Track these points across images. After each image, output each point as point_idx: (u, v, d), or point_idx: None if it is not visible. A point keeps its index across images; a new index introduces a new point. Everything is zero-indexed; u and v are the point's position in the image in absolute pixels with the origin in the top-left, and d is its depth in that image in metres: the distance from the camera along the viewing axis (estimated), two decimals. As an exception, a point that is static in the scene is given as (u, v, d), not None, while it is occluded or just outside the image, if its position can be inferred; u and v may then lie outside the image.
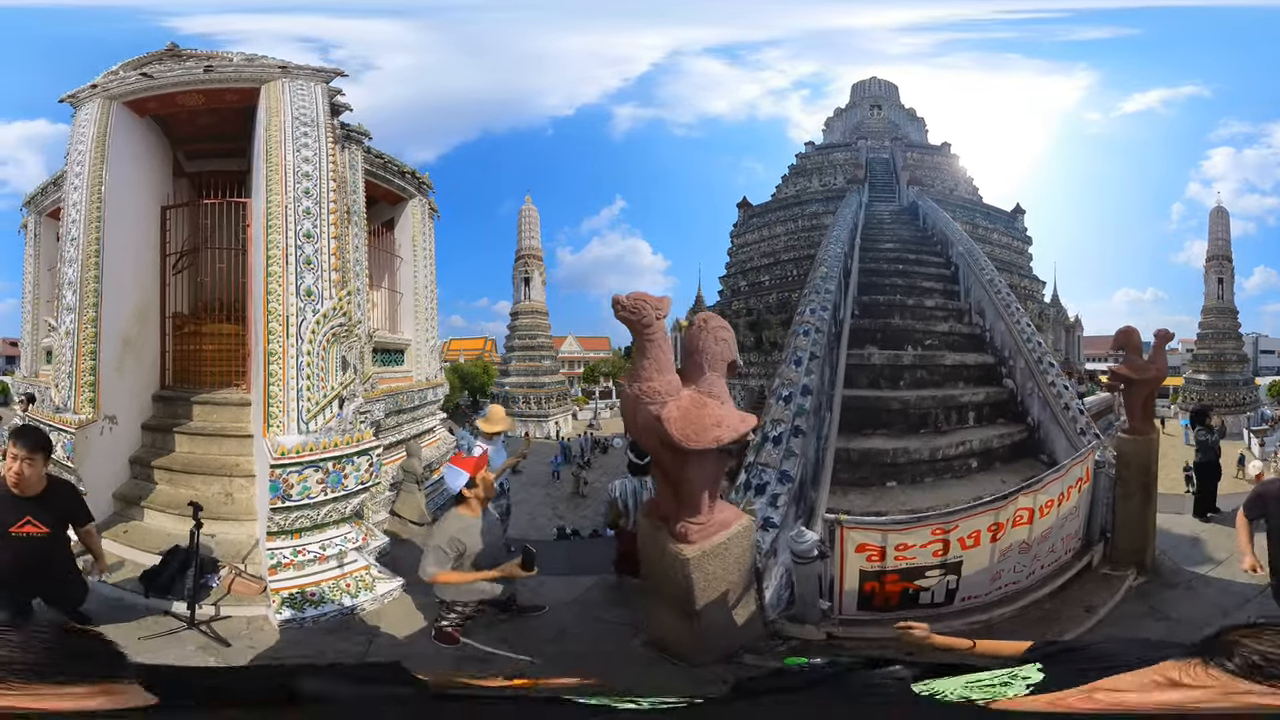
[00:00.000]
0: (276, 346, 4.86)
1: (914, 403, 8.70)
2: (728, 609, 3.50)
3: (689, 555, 3.26)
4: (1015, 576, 4.57)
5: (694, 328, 3.24)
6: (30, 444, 3.12)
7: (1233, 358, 24.66)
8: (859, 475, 7.51)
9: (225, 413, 6.24)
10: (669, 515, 3.38)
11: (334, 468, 4.79)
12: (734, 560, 3.47)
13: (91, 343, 5.54)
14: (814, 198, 20.03)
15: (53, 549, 3.27)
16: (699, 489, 3.24)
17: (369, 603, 4.59)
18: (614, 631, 4.31)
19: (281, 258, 4.92)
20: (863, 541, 3.90)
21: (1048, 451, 8.12)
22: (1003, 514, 4.28)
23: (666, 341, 3.07)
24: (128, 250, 6.27)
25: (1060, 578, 4.87)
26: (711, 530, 3.34)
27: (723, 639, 3.52)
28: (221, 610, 4.32)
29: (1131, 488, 5.31)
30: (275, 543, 4.61)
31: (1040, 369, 8.74)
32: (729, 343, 3.24)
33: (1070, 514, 4.88)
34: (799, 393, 6.15)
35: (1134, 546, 5.23)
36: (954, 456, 8.15)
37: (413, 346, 9.00)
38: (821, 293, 8.70)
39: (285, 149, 5.24)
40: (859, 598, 4.00)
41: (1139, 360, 5.65)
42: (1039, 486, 4.55)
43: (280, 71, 5.71)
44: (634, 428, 3.19)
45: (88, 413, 5.46)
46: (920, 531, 4.01)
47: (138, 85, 6.12)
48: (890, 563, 3.95)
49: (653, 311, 2.95)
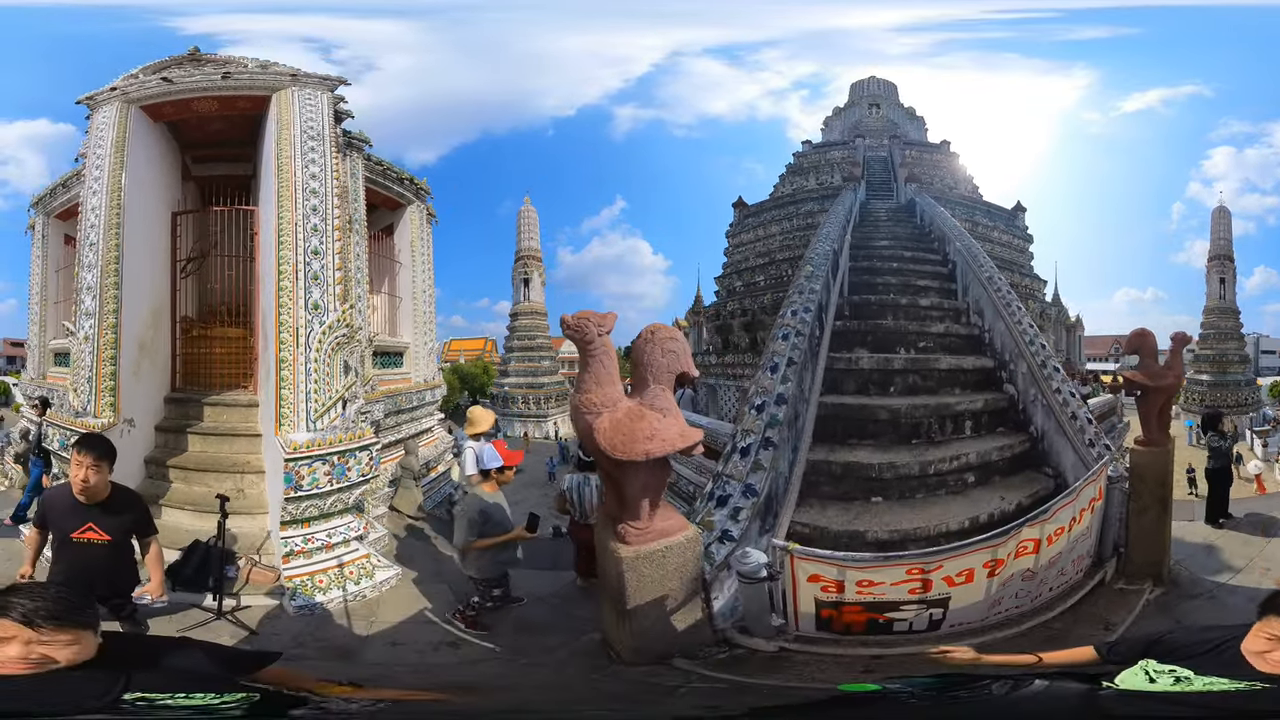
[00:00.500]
0: (287, 354, 5.28)
1: (904, 411, 8.00)
2: (664, 613, 3.48)
3: (623, 555, 3.33)
4: (1018, 602, 4.18)
5: (640, 339, 3.29)
6: (98, 452, 3.20)
7: (1234, 358, 24.52)
8: (841, 489, 6.95)
9: (235, 413, 6.54)
10: (614, 515, 3.48)
11: (339, 461, 5.28)
12: (672, 568, 3.45)
13: (112, 348, 5.77)
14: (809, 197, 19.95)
15: (113, 557, 3.33)
16: (637, 496, 3.31)
17: (369, 589, 5.03)
18: (578, 626, 4.43)
19: (292, 273, 5.29)
20: (815, 573, 3.60)
21: (1053, 464, 7.50)
22: (1002, 550, 3.78)
23: (609, 356, 3.22)
24: (143, 255, 6.47)
25: (1070, 598, 4.55)
26: (650, 537, 3.38)
27: (656, 642, 3.51)
28: (242, 600, 4.65)
29: (1147, 501, 4.98)
30: (288, 531, 5.03)
31: (1044, 374, 8.04)
32: (678, 354, 3.27)
33: (1082, 536, 4.54)
34: (773, 401, 5.92)
35: (1149, 560, 4.94)
36: (948, 472, 7.41)
37: (411, 349, 9.25)
38: (805, 293, 8.22)
39: (295, 163, 5.53)
40: (816, 620, 3.72)
41: (1156, 366, 5.26)
42: (1047, 516, 4.06)
43: (291, 80, 5.94)
44: (579, 434, 3.39)
45: (109, 416, 5.67)
46: (892, 570, 3.60)
47: (157, 89, 6.27)
48: (850, 595, 3.61)
49: (594, 328, 3.13)
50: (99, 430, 5.54)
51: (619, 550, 3.35)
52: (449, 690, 3.02)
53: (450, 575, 5.60)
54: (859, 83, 26.24)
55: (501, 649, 4.19)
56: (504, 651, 4.16)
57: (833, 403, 7.94)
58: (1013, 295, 9.89)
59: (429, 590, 5.22)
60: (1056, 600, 4.41)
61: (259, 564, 4.94)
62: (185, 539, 4.94)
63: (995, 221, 19.38)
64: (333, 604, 4.77)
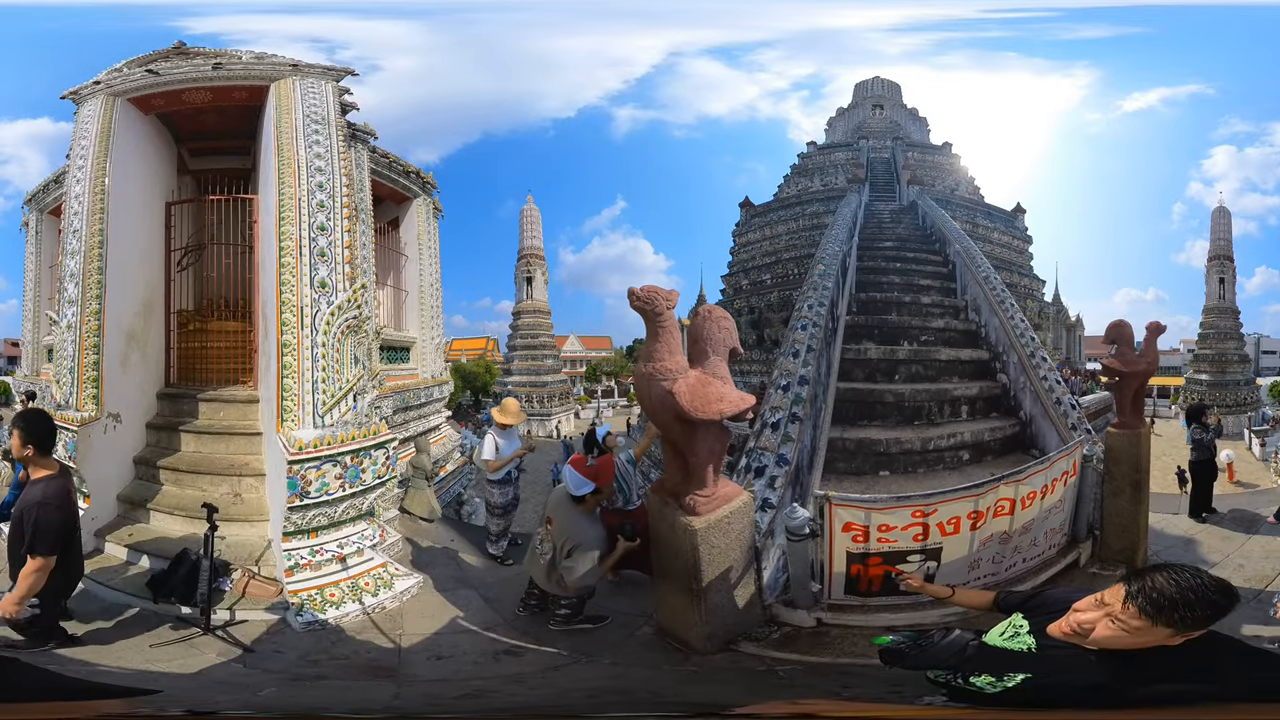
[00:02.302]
0: (290, 338, 4.77)
1: (908, 396, 8.98)
2: (730, 588, 3.68)
3: (697, 527, 3.50)
4: (994, 568, 4.54)
5: (698, 317, 3.59)
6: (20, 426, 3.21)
7: (1234, 358, 24.41)
8: (854, 464, 7.82)
9: (233, 410, 6.15)
10: (677, 491, 3.63)
11: (351, 462, 4.73)
12: (735, 535, 3.67)
13: (94, 336, 5.38)
14: (815, 197, 20.01)
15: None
16: (704, 462, 3.53)
17: (389, 600, 4.53)
18: (622, 621, 4.31)
19: (295, 249, 4.85)
20: (849, 520, 4.04)
21: (1039, 446, 8.15)
22: (983, 501, 4.29)
23: (676, 328, 3.43)
24: (132, 245, 6.16)
25: (1043, 574, 4.78)
26: (716, 503, 3.57)
27: (725, 623, 3.68)
28: (236, 614, 4.23)
29: (1121, 484, 5.14)
30: (291, 544, 4.52)
31: (1032, 363, 8.72)
32: (730, 330, 3.55)
33: (1055, 508, 4.83)
34: (796, 382, 6.46)
35: (1124, 544, 5.07)
36: (945, 448, 8.29)
37: (418, 344, 8.94)
38: (819, 289, 8.91)
39: (298, 144, 5.20)
40: (846, 581, 4.14)
41: (1130, 353, 5.53)
42: (1021, 477, 4.52)
43: (291, 69, 5.69)
44: (648, 403, 3.50)
45: (90, 410, 5.28)
46: (901, 512, 4.10)
47: (143, 82, 6.07)
48: (874, 544, 4.08)
49: (663, 301, 3.32)
50: (80, 423, 5.13)
51: (692, 523, 3.50)
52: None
53: (475, 580, 5.21)
54: (863, 83, 26.18)
55: (565, 652, 3.90)
56: (570, 655, 3.85)
57: (844, 388, 8.91)
58: (1007, 293, 10.72)
59: (455, 598, 4.77)
60: (1029, 574, 4.71)
61: (258, 575, 4.48)
62: (173, 547, 4.55)
63: (995, 223, 19.71)
64: (348, 619, 4.31)
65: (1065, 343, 21.23)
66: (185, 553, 4.28)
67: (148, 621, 4.02)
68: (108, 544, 5.13)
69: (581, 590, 4.13)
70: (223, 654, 3.76)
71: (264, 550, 4.83)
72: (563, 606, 4.18)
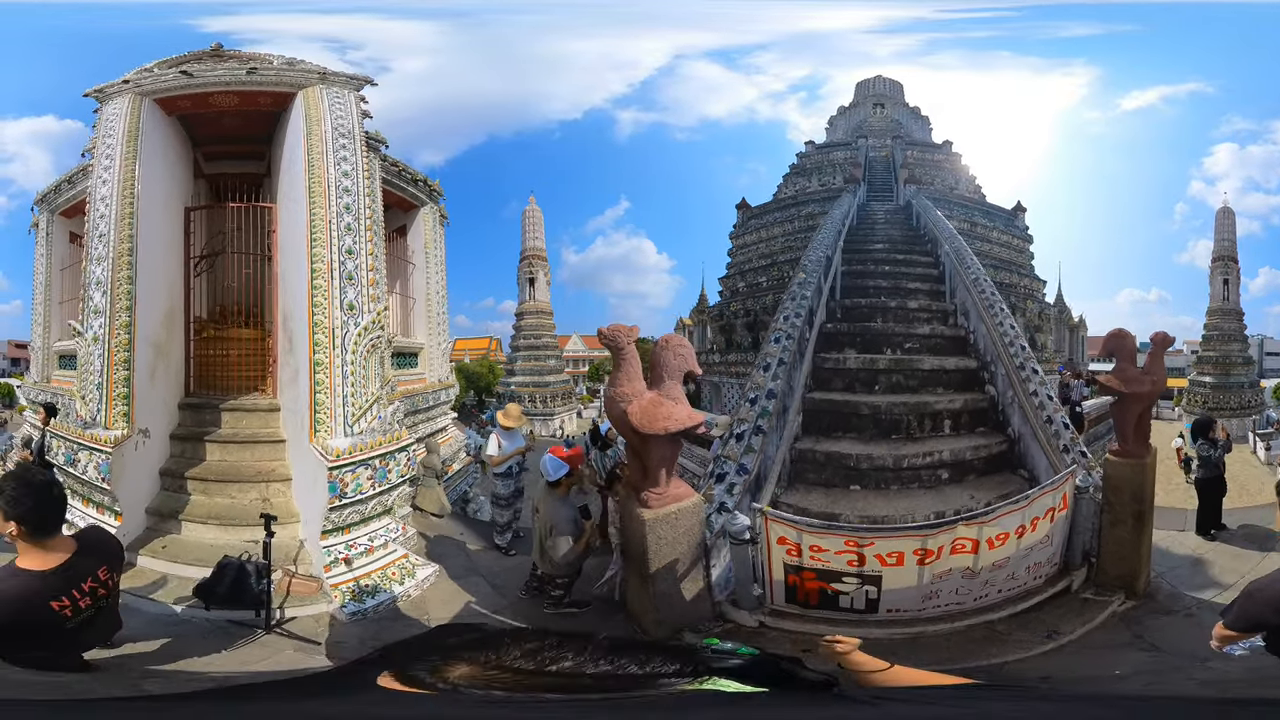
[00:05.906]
0: (323, 357, 5.08)
1: (884, 408, 8.36)
2: (676, 579, 4.14)
3: (647, 518, 4.02)
4: (956, 599, 4.32)
5: (657, 346, 4.17)
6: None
7: (1238, 360, 24.06)
8: (824, 476, 7.51)
9: (254, 418, 6.30)
10: (636, 487, 4.20)
11: (380, 464, 5.21)
12: (684, 531, 4.15)
13: (125, 350, 5.38)
14: (811, 198, 19.90)
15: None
16: (658, 465, 4.09)
17: (413, 588, 5.01)
18: (602, 609, 4.79)
19: (326, 271, 5.06)
20: (782, 535, 4.24)
21: (1028, 467, 7.48)
22: (933, 541, 4.07)
23: (636, 358, 4.11)
24: (157, 251, 6.13)
25: (1025, 602, 4.52)
26: (667, 500, 4.11)
27: (674, 611, 4.14)
28: (286, 613, 4.49)
29: (1121, 515, 4.64)
30: (330, 540, 4.93)
31: (1021, 376, 7.85)
32: (686, 356, 4.15)
33: (1040, 544, 4.47)
34: (764, 396, 6.75)
35: (1122, 571, 4.67)
36: (920, 466, 7.62)
37: (426, 350, 9.11)
38: (797, 299, 8.75)
39: (327, 160, 5.34)
40: (785, 589, 4.35)
41: (1132, 370, 4.73)
42: (989, 519, 4.18)
43: (319, 78, 5.76)
44: (613, 419, 4.22)
45: (122, 428, 5.27)
46: (833, 539, 4.19)
47: (175, 83, 6.06)
48: (806, 560, 4.22)
49: (624, 337, 3.99)
50: (114, 444, 5.17)
51: (643, 514, 4.03)
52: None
53: (483, 568, 5.76)
54: (864, 81, 26.12)
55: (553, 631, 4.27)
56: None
57: (820, 398, 8.55)
58: (997, 296, 9.88)
59: (467, 585, 5.32)
60: (1006, 603, 4.52)
61: (296, 574, 4.74)
62: (211, 555, 4.70)
63: (995, 222, 19.35)
64: (382, 607, 4.74)
65: (1068, 344, 21.31)
66: (227, 560, 4.46)
67: (201, 628, 4.22)
68: (140, 557, 5.19)
69: (568, 569, 4.73)
70: (299, 649, 4.08)
71: (298, 550, 5.07)
72: (556, 587, 4.79)
